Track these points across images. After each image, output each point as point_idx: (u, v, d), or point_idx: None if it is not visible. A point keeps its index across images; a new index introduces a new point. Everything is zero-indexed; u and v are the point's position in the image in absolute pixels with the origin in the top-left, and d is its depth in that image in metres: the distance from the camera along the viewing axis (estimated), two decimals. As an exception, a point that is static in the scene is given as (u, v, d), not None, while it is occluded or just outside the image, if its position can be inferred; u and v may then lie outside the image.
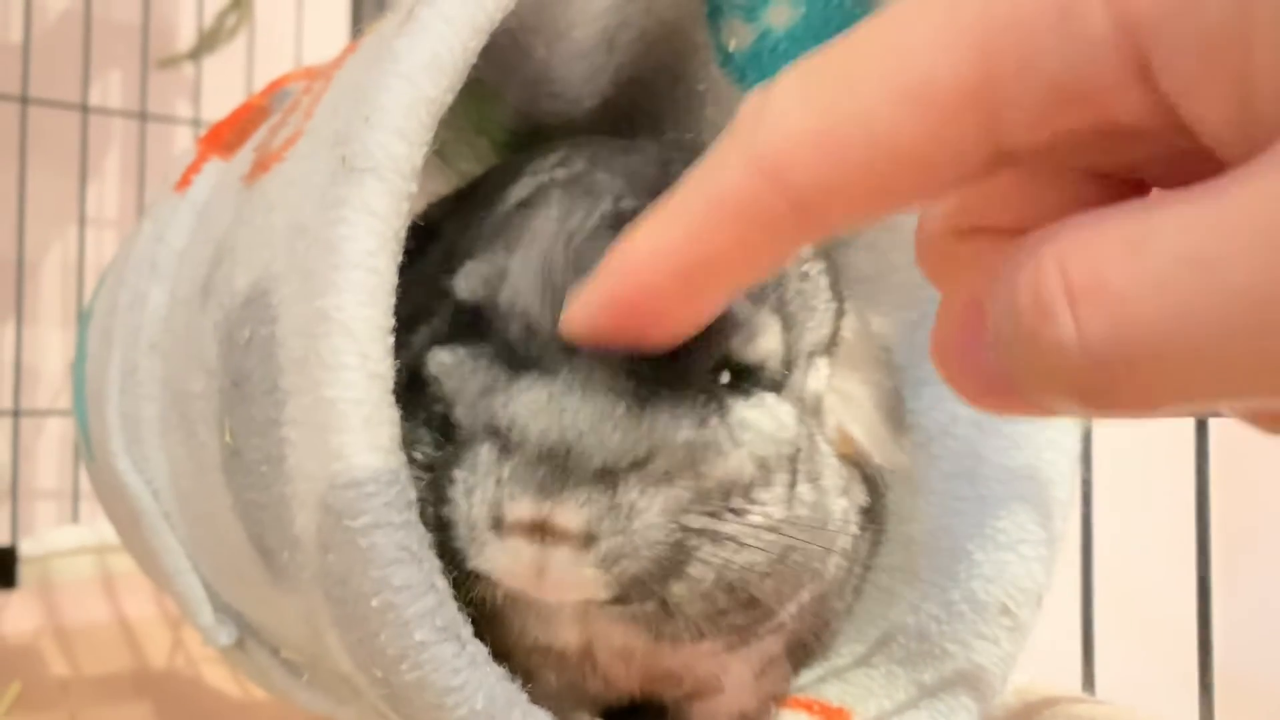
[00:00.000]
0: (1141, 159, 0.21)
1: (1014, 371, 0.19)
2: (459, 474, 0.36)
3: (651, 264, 0.24)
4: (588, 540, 0.34)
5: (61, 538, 1.03)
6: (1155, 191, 0.23)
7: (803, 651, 0.49)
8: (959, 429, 0.52)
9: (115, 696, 0.82)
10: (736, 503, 0.38)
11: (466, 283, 0.40)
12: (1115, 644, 0.60)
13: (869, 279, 0.52)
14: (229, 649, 0.52)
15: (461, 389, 0.38)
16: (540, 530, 0.34)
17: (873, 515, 0.46)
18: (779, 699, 0.49)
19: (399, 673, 0.35)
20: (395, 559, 0.35)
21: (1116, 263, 0.17)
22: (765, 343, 0.39)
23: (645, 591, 0.36)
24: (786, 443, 0.40)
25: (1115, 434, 0.54)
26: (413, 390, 0.39)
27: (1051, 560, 0.49)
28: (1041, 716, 0.53)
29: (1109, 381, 0.17)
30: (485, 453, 0.35)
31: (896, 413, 0.46)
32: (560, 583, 0.35)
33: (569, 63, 0.49)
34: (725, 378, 0.39)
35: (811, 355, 0.43)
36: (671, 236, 0.23)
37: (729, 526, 0.37)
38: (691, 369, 0.37)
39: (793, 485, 0.40)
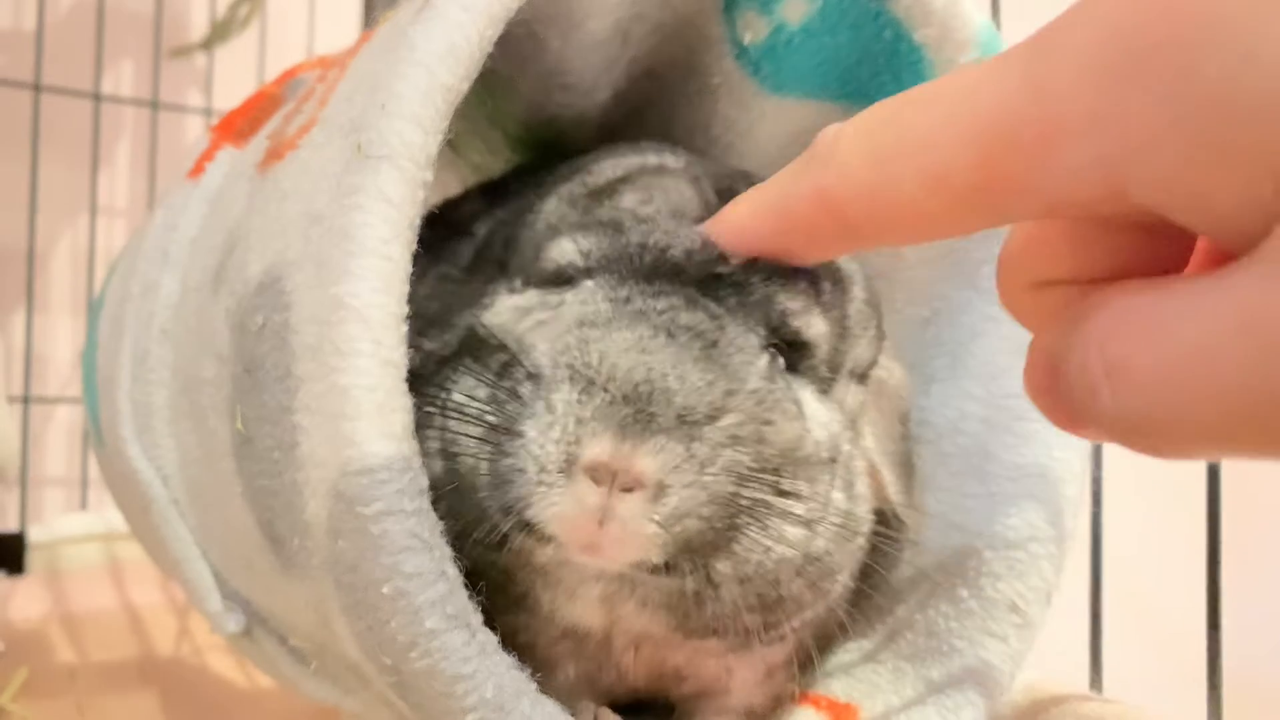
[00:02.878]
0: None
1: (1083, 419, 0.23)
2: (531, 420, 0.35)
3: (739, 237, 0.36)
4: (658, 491, 0.34)
5: (69, 525, 1.03)
6: (1199, 244, 0.26)
7: (810, 653, 0.48)
8: (968, 426, 0.52)
9: (121, 683, 0.82)
10: (786, 484, 0.38)
11: (562, 252, 0.41)
12: (1124, 643, 0.59)
13: (882, 275, 0.52)
14: (236, 636, 0.52)
15: (540, 329, 0.38)
16: (612, 476, 0.34)
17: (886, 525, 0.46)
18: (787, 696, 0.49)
19: (408, 660, 0.35)
20: (406, 546, 0.35)
21: (1138, 350, 0.21)
22: (816, 323, 0.40)
23: (694, 560, 0.36)
24: (829, 440, 0.40)
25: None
26: (462, 356, 0.40)
27: (1061, 558, 0.48)
28: (1049, 714, 0.53)
29: (1148, 438, 0.21)
30: (565, 392, 0.35)
31: (906, 472, 0.47)
32: (620, 537, 0.34)
33: (583, 54, 0.49)
34: (781, 362, 0.40)
35: (852, 373, 0.44)
36: (753, 225, 0.35)
37: (779, 505, 0.37)
38: (754, 324, 0.39)
39: (830, 488, 0.40)
